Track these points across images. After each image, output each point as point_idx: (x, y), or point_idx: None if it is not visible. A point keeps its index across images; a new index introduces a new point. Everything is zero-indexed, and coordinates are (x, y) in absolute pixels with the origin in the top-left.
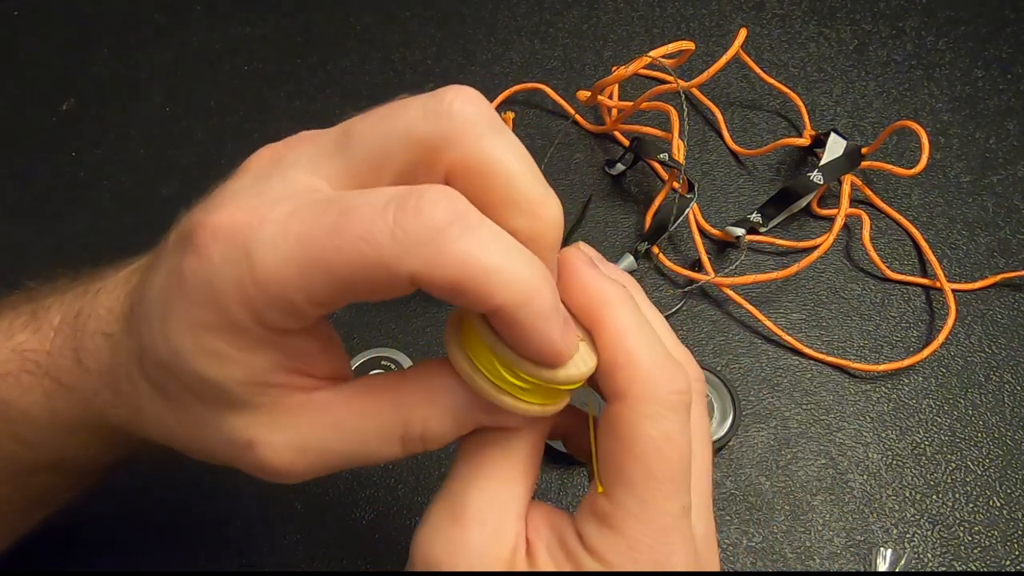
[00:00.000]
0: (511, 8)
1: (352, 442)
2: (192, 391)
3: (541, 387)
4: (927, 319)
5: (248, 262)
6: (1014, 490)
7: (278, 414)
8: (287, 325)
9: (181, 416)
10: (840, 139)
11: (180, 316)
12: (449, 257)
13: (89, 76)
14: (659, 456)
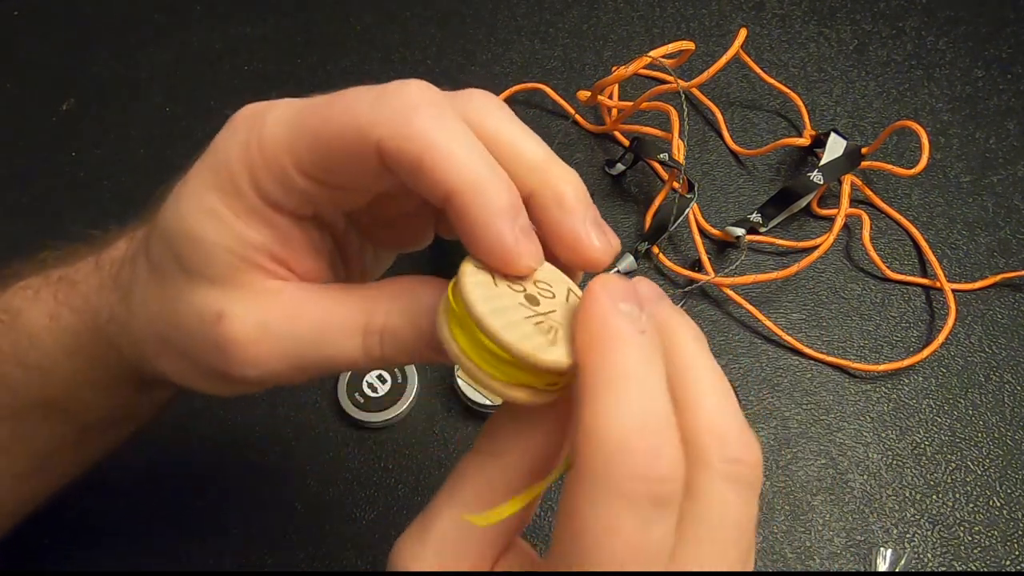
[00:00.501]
0: (511, 8)
1: (315, 330)
2: (181, 260)
3: (517, 366)
4: (927, 319)
5: (257, 130)
6: (1014, 490)
7: (251, 294)
8: (279, 197)
9: (163, 291)
10: (840, 139)
11: (193, 180)
12: (414, 130)
13: (89, 76)
14: (596, 545)
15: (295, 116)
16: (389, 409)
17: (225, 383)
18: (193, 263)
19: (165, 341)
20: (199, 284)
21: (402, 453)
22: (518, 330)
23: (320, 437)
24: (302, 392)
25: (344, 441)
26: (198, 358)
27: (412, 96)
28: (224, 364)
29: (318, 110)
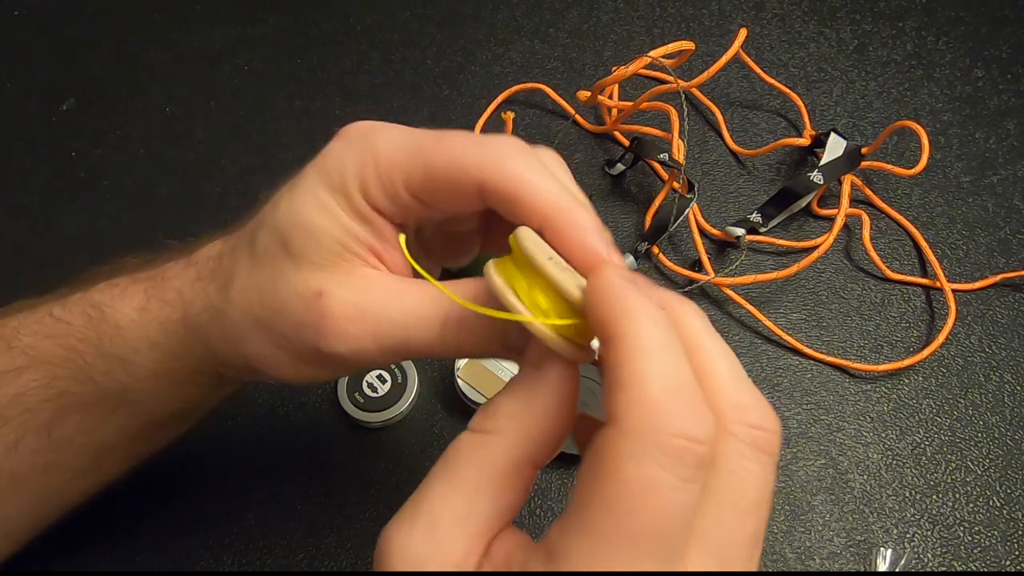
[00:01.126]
0: (511, 8)
1: (404, 314)
2: (288, 246)
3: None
4: (927, 319)
5: (372, 147)
6: (1014, 490)
7: (350, 278)
8: (382, 205)
9: (265, 275)
10: (840, 139)
11: (307, 179)
12: (510, 172)
13: (89, 76)
14: (631, 505)
15: (412, 145)
16: (389, 409)
17: (313, 363)
18: (301, 248)
19: (261, 323)
20: (303, 267)
21: (402, 453)
22: (567, 276)
23: (320, 437)
24: (302, 392)
25: (344, 441)
26: (293, 335)
27: (507, 147)
28: (319, 339)
29: (432, 145)
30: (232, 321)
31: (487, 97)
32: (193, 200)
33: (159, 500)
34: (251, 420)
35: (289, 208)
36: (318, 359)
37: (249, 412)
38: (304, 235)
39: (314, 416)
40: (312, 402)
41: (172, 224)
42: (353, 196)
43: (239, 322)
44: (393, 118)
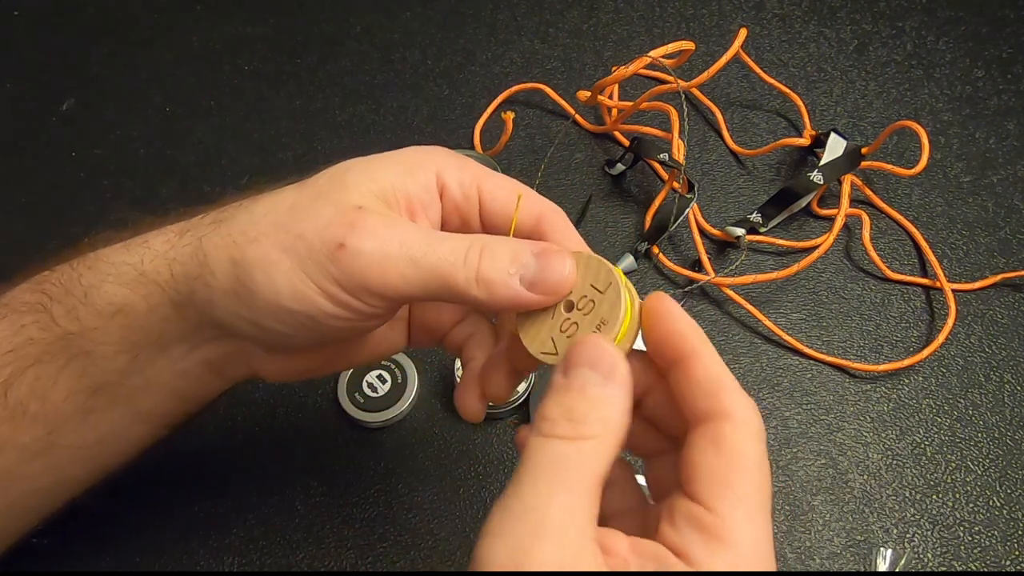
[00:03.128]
0: (511, 8)
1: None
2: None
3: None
4: (927, 319)
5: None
6: (1014, 490)
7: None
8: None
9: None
10: (840, 139)
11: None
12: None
13: (89, 76)
14: (763, 474)
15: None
16: (389, 409)
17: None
18: (356, 181)
19: (280, 225)
20: (350, 193)
21: (402, 453)
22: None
23: (320, 437)
24: (302, 392)
25: (344, 441)
26: (314, 236)
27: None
28: (346, 233)
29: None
30: (245, 221)
31: (487, 97)
32: (193, 200)
33: (159, 500)
34: (251, 420)
35: (362, 159)
36: (332, 265)
37: (249, 412)
38: (364, 174)
39: (314, 416)
40: (312, 402)
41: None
42: (427, 169)
43: (254, 221)
44: (393, 118)
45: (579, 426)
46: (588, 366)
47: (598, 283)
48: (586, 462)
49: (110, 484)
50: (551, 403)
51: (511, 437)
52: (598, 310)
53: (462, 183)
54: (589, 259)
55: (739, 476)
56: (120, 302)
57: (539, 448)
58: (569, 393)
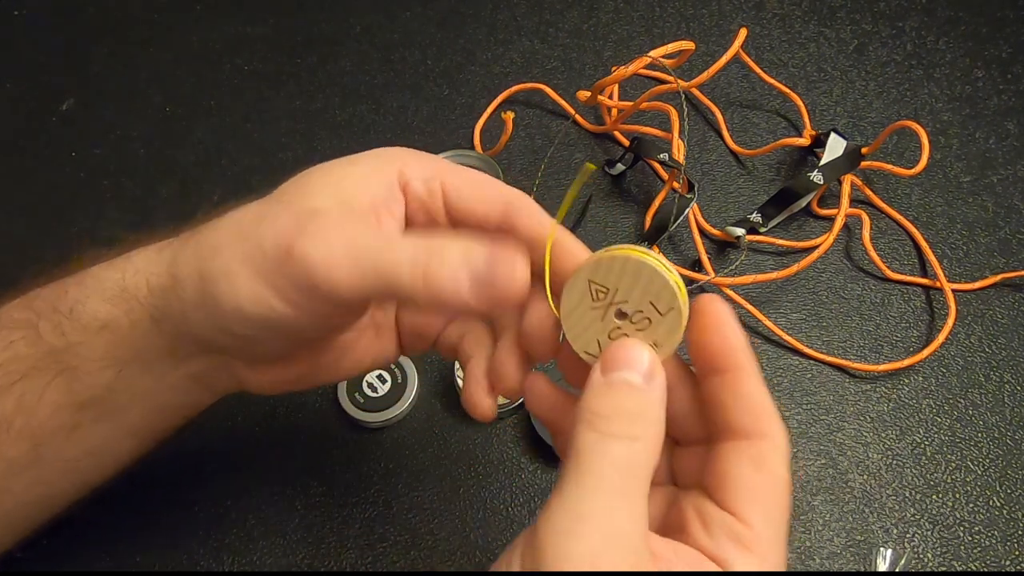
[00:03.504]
0: (511, 8)
1: (383, 239)
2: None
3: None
4: (927, 319)
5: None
6: (1014, 490)
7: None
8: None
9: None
10: (840, 139)
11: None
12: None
13: (89, 76)
14: (788, 493)
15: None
16: (389, 409)
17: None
18: (317, 186)
19: (241, 234)
20: (309, 199)
21: (402, 453)
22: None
23: (320, 437)
24: (302, 392)
25: (344, 441)
26: (269, 242)
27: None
28: (295, 238)
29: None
30: (212, 234)
31: (487, 97)
32: (193, 200)
33: (159, 500)
34: (251, 420)
35: (324, 164)
36: (284, 268)
37: (249, 412)
38: (324, 177)
39: (314, 416)
40: (312, 402)
41: (172, 224)
42: (390, 168)
43: (219, 234)
44: (393, 118)
45: (632, 426)
46: (628, 367)
47: (659, 304)
48: (641, 465)
49: (110, 484)
50: (600, 399)
51: (512, 437)
52: (654, 331)
53: (425, 179)
54: (653, 274)
55: (774, 497)
56: (104, 317)
57: (597, 447)
58: (617, 391)
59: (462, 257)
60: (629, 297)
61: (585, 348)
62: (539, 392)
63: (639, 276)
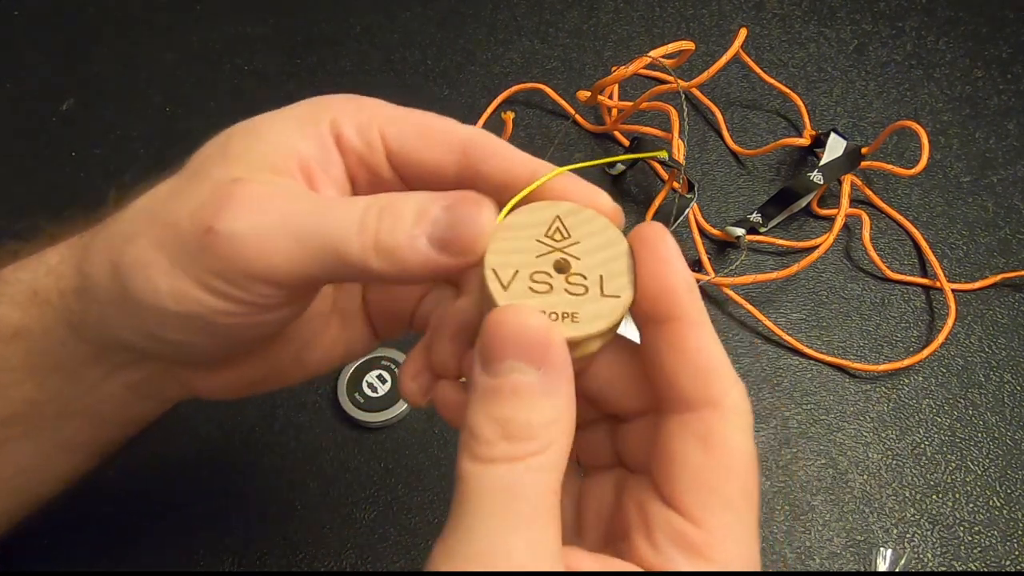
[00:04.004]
0: (511, 8)
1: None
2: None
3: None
4: (927, 319)
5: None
6: (1014, 490)
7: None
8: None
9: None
10: (840, 139)
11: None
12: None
13: (89, 76)
14: (751, 472)
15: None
16: (389, 409)
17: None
18: (237, 149)
19: (155, 217)
20: (230, 165)
21: (402, 453)
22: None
23: (320, 437)
24: (302, 392)
25: (344, 441)
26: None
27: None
28: (216, 215)
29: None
30: (124, 220)
31: (487, 97)
32: None
33: (159, 500)
34: (251, 420)
35: (247, 121)
36: (206, 255)
37: (249, 412)
38: (246, 138)
39: (314, 416)
40: (312, 402)
41: None
42: (320, 120)
43: (131, 218)
44: None
45: (522, 443)
46: (515, 355)
47: (608, 284)
48: (539, 483)
49: (107, 485)
50: (480, 415)
51: None
52: (581, 304)
53: (360, 128)
54: (624, 257)
55: (729, 481)
56: (16, 324)
57: (479, 478)
58: (500, 400)
59: (416, 212)
60: (584, 257)
61: (495, 266)
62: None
63: (611, 246)
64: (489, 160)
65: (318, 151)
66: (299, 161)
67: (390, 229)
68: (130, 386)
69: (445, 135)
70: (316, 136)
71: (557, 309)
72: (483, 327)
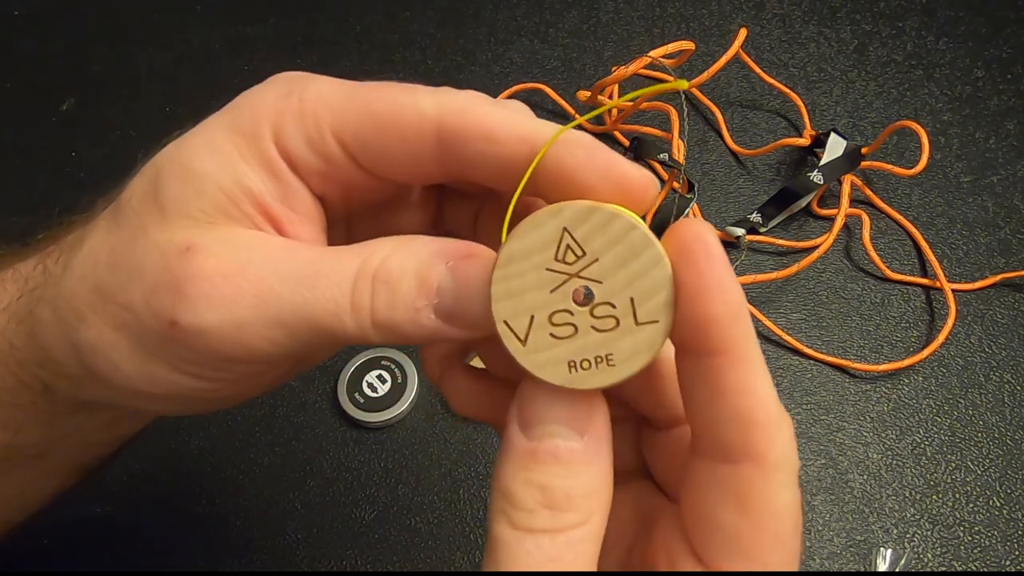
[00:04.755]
0: (511, 8)
1: (299, 272)
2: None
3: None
4: (927, 319)
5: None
6: (1014, 490)
7: (232, 233)
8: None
9: (123, 232)
10: (840, 139)
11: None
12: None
13: (89, 76)
14: (794, 527)
15: (350, 88)
16: (389, 409)
17: (168, 355)
18: (175, 197)
19: (104, 293)
20: (173, 221)
21: (402, 453)
22: None
23: (320, 437)
24: (302, 392)
25: (344, 441)
26: (143, 307)
27: (468, 92)
28: (177, 305)
29: (375, 88)
30: (69, 292)
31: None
32: None
33: (159, 500)
34: (251, 420)
35: (176, 149)
36: (175, 346)
37: (249, 412)
38: (182, 180)
39: (314, 416)
40: (312, 402)
41: None
42: (261, 138)
43: (76, 292)
44: None
45: (564, 514)
46: (556, 420)
47: (641, 307)
48: (582, 555)
49: (107, 485)
50: (518, 480)
51: None
52: (615, 341)
53: (311, 140)
54: (658, 263)
55: (769, 547)
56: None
57: (519, 546)
58: (539, 466)
59: (416, 279)
60: (607, 278)
61: (507, 317)
62: (461, 391)
63: (637, 256)
64: (471, 144)
65: (270, 183)
66: (252, 200)
67: (389, 305)
68: (109, 423)
69: (410, 122)
70: (262, 162)
71: (588, 355)
72: (520, 390)
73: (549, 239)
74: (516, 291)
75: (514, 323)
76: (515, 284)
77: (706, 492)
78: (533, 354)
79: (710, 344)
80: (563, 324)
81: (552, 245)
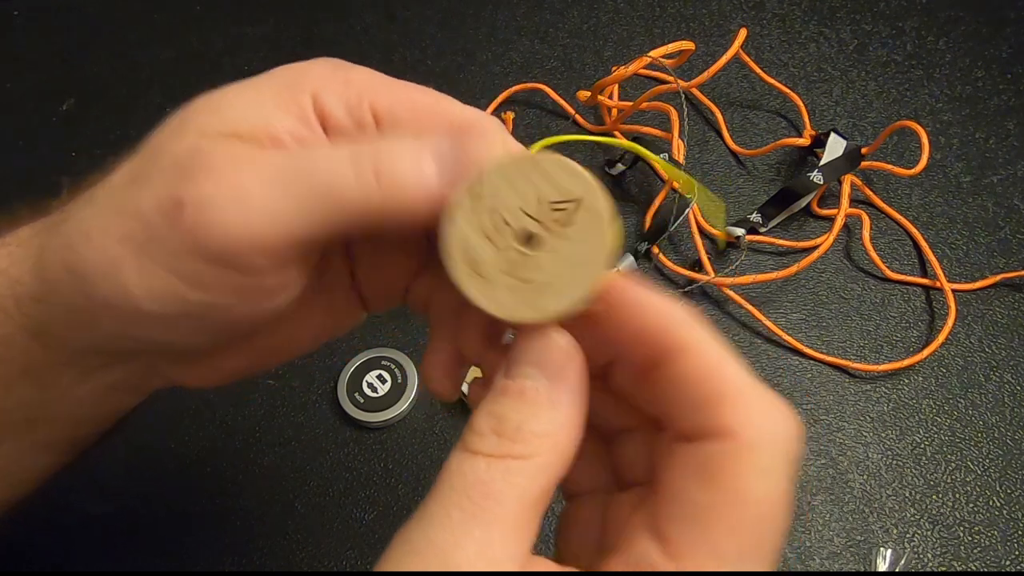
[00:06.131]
0: (511, 8)
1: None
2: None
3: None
4: (927, 319)
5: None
6: (1014, 490)
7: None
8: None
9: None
10: (840, 139)
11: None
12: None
13: (89, 76)
14: (770, 523)
15: (393, 79)
16: (389, 409)
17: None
18: (200, 121)
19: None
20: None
21: (402, 453)
22: None
23: (320, 437)
24: (302, 392)
25: (344, 441)
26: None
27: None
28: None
29: (419, 86)
30: (79, 217)
31: (487, 97)
32: None
33: (159, 500)
34: (251, 420)
35: (212, 93)
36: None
37: (249, 412)
38: (209, 111)
39: (314, 416)
40: (312, 402)
41: None
42: (301, 92)
43: (87, 216)
44: None
45: (509, 443)
46: (531, 363)
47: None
48: (514, 487)
49: (107, 485)
50: (482, 411)
51: None
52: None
53: (349, 105)
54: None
55: (733, 527)
56: None
57: (459, 467)
58: (503, 398)
59: (418, 141)
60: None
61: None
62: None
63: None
64: (491, 152)
65: (297, 127)
66: (270, 138)
67: (390, 158)
68: (108, 386)
69: (440, 116)
70: (295, 109)
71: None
72: (516, 341)
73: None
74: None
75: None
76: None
77: (678, 469)
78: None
79: (662, 349)
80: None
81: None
